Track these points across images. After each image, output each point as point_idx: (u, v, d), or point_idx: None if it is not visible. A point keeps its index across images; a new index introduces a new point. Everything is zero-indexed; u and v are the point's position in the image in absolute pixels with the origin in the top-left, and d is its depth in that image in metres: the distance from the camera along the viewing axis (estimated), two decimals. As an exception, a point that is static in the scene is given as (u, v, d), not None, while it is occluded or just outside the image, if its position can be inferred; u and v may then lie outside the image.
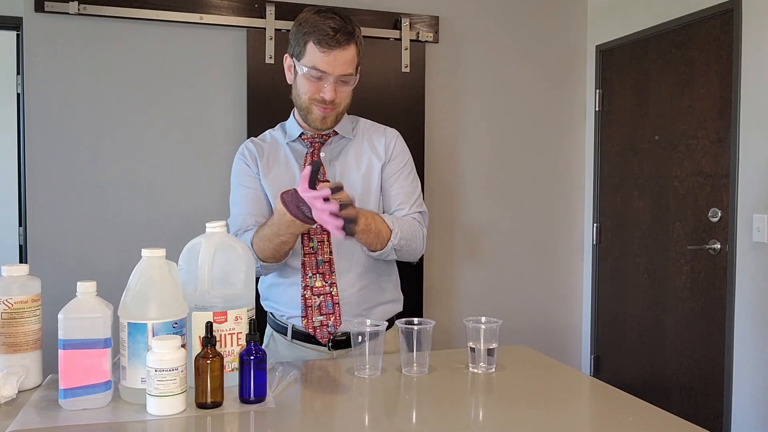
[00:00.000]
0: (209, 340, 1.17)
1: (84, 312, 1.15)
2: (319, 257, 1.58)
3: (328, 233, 1.57)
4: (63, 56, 2.78)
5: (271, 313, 1.69)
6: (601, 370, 3.47)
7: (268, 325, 1.72)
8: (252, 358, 1.18)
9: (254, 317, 1.29)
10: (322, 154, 1.63)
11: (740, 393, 2.62)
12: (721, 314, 2.70)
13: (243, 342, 1.26)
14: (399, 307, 1.71)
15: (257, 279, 1.55)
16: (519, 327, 3.41)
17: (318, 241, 1.59)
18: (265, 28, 2.97)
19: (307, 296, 1.58)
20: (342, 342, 1.58)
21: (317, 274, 1.58)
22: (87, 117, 2.82)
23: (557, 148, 3.52)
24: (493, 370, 1.41)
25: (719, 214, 2.72)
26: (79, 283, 1.17)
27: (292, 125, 1.68)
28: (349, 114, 1.69)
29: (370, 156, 1.66)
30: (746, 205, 2.60)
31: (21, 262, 3.10)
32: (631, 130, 3.25)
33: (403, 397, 1.29)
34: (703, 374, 2.80)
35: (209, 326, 1.18)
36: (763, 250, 2.54)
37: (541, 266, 3.52)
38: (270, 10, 2.97)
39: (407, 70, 3.10)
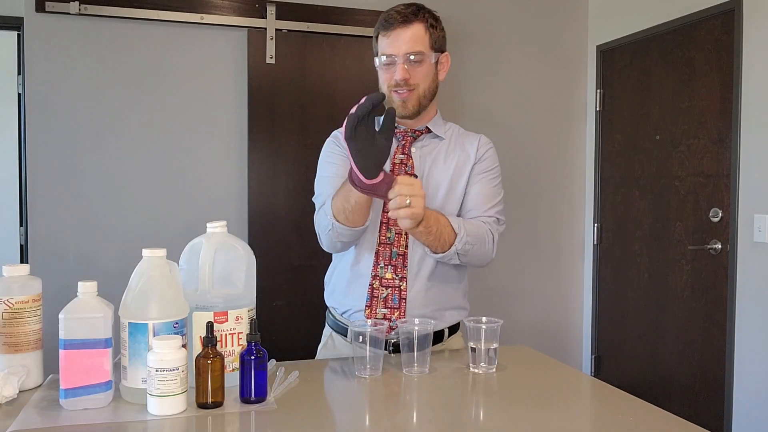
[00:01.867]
0: (210, 340, 1.17)
1: (85, 312, 1.15)
2: (394, 249, 1.54)
3: None
4: (64, 56, 2.78)
5: (331, 311, 1.65)
6: (601, 370, 3.47)
7: (327, 324, 1.69)
8: (253, 358, 1.18)
9: (255, 317, 1.29)
10: (413, 149, 1.60)
11: (741, 393, 2.62)
12: (722, 314, 2.70)
13: (244, 342, 1.26)
14: (465, 315, 1.65)
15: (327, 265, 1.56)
16: (520, 327, 3.41)
17: (396, 233, 1.55)
18: (265, 28, 2.97)
19: (374, 286, 1.55)
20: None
21: (389, 266, 1.55)
22: (88, 117, 2.82)
23: (558, 148, 3.52)
24: (494, 370, 1.41)
25: (720, 214, 2.72)
26: (80, 283, 1.17)
27: None
28: (439, 115, 1.67)
29: (461, 158, 1.63)
30: (747, 205, 2.60)
31: (22, 262, 3.10)
32: (631, 130, 3.25)
33: (403, 397, 1.29)
34: (704, 374, 2.80)
35: (210, 326, 1.18)
36: (764, 250, 2.53)
37: (542, 266, 3.52)
38: (271, 10, 2.97)
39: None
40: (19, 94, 3.34)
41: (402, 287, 1.54)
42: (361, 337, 1.36)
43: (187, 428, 1.10)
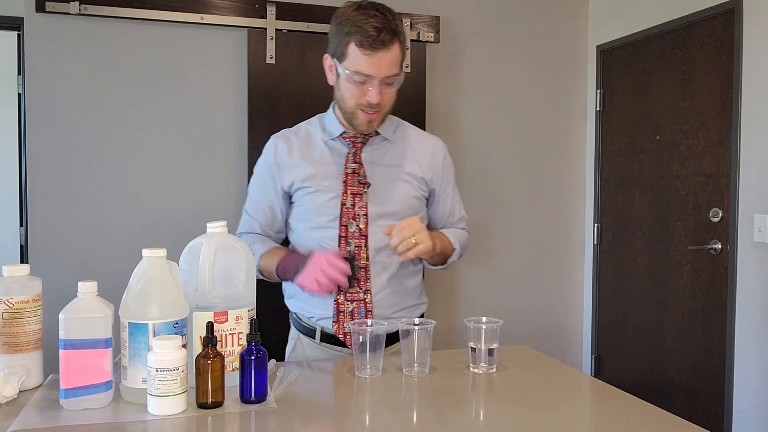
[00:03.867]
0: (210, 340, 1.17)
1: (85, 312, 1.15)
2: (356, 263, 1.53)
3: (366, 238, 1.55)
4: (64, 56, 2.78)
5: (296, 316, 1.66)
6: (601, 370, 3.47)
7: (292, 327, 1.69)
8: (253, 358, 1.18)
9: (255, 317, 1.29)
10: (363, 155, 1.58)
11: (741, 393, 2.62)
12: (722, 314, 2.70)
13: (244, 342, 1.26)
14: (424, 309, 1.71)
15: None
16: (520, 327, 3.41)
17: (355, 246, 1.55)
18: (266, 29, 2.97)
19: (339, 301, 1.55)
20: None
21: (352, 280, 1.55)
22: (88, 117, 2.82)
23: (558, 149, 3.52)
24: (494, 370, 1.41)
25: (720, 214, 2.72)
26: (80, 283, 1.17)
27: (333, 123, 1.61)
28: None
29: (413, 163, 1.62)
30: (747, 205, 2.60)
31: (22, 262, 3.10)
32: (632, 130, 3.25)
33: (403, 397, 1.29)
34: (704, 374, 2.80)
35: (210, 326, 1.18)
36: (764, 250, 2.53)
37: (542, 266, 3.52)
38: (271, 10, 2.97)
39: (408, 69, 3.10)
40: (19, 94, 3.34)
41: (367, 299, 1.55)
42: (361, 337, 1.36)
43: (187, 428, 1.10)
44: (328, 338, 1.59)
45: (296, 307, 1.66)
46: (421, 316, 1.68)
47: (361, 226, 1.54)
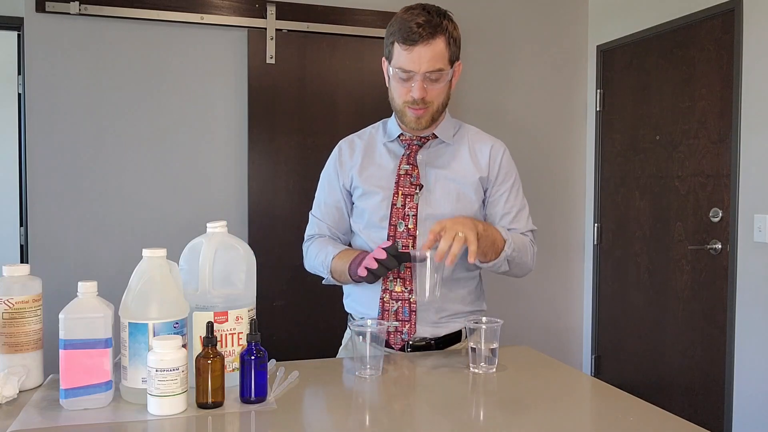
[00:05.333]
0: (210, 340, 1.17)
1: (85, 312, 1.15)
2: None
3: (414, 238, 1.54)
4: (64, 56, 2.78)
5: (351, 316, 1.67)
6: (601, 370, 3.47)
7: (348, 327, 1.68)
8: (253, 358, 1.18)
9: (255, 317, 1.29)
10: (419, 157, 1.58)
11: (741, 393, 2.62)
12: (722, 314, 2.70)
13: (244, 342, 1.26)
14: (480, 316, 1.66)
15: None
16: (520, 327, 3.41)
17: (402, 245, 1.54)
18: (266, 29, 2.97)
19: (385, 299, 1.55)
20: (420, 347, 1.55)
21: (398, 279, 1.55)
22: (88, 117, 2.82)
23: (558, 148, 3.52)
24: (494, 370, 1.41)
25: (720, 214, 2.72)
26: (80, 283, 1.17)
27: (393, 125, 1.64)
28: (452, 117, 1.66)
29: (470, 165, 1.61)
30: (747, 205, 2.60)
31: (22, 262, 3.10)
32: (632, 130, 3.25)
33: (403, 397, 1.29)
34: (704, 374, 2.80)
35: (210, 326, 1.18)
36: (764, 250, 2.53)
37: (542, 266, 3.52)
38: (271, 11, 2.97)
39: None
40: (19, 94, 3.33)
41: (411, 299, 1.54)
42: (361, 337, 1.36)
43: (187, 428, 1.10)
44: (376, 339, 1.58)
45: (350, 308, 1.67)
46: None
47: (410, 226, 1.55)
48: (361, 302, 1.62)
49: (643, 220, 3.17)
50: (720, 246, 2.72)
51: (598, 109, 3.47)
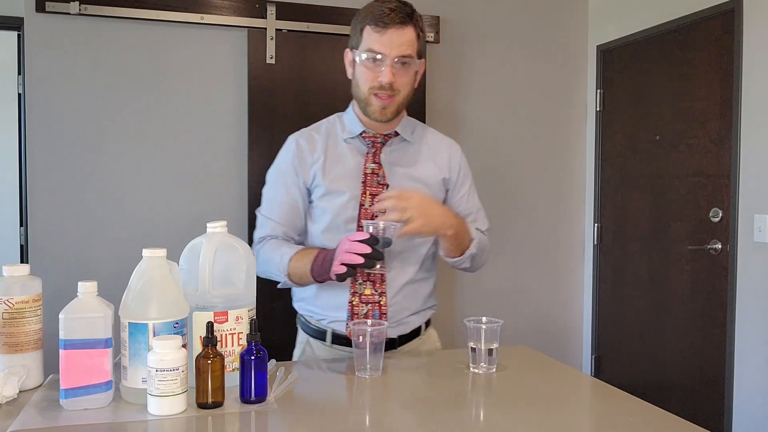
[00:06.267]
0: (210, 340, 1.17)
1: (85, 312, 1.15)
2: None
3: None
4: (64, 56, 2.78)
5: (305, 319, 1.64)
6: (601, 370, 3.47)
7: (301, 330, 1.66)
8: (253, 358, 1.18)
9: (255, 317, 1.29)
10: (382, 155, 1.57)
11: (741, 393, 2.62)
12: (722, 314, 2.70)
13: (244, 342, 1.26)
14: (434, 311, 1.70)
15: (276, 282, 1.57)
16: (520, 327, 3.41)
17: None
18: (266, 28, 2.97)
19: (354, 303, 1.53)
20: (387, 346, 1.53)
21: (368, 282, 1.54)
22: (88, 117, 2.82)
23: (558, 148, 3.52)
24: (494, 370, 1.41)
25: (720, 214, 2.72)
26: (80, 283, 1.17)
27: (353, 121, 1.60)
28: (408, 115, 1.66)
29: (432, 165, 1.62)
30: (747, 205, 2.60)
31: (22, 262, 3.10)
32: (631, 130, 3.25)
33: (403, 397, 1.29)
34: (704, 374, 2.80)
35: (210, 326, 1.18)
36: (764, 250, 2.53)
37: (542, 266, 3.52)
38: (271, 10, 2.97)
39: (408, 70, 3.10)
40: (19, 94, 3.34)
41: (382, 302, 1.54)
42: (361, 338, 1.36)
43: (187, 428, 1.10)
44: (339, 340, 1.58)
45: (305, 311, 1.64)
46: (429, 320, 1.69)
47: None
48: (325, 306, 1.58)
49: (643, 220, 3.17)
50: (720, 246, 2.72)
51: (598, 109, 3.47)
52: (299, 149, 1.59)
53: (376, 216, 1.48)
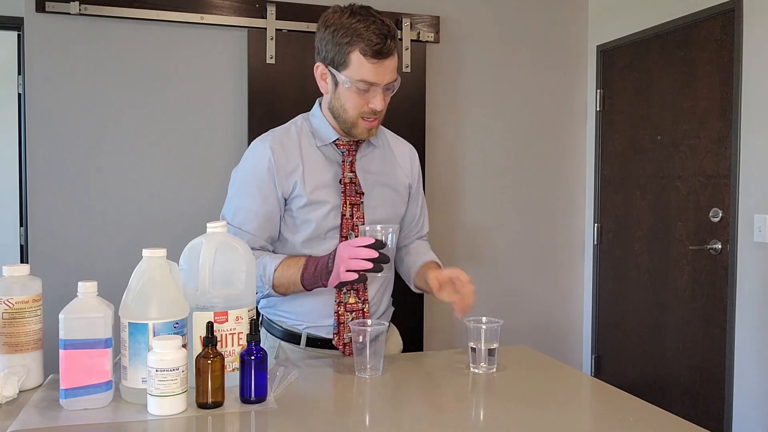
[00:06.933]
0: (210, 340, 1.17)
1: (85, 312, 1.15)
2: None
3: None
4: (64, 56, 2.78)
5: (275, 323, 1.60)
6: (602, 370, 3.47)
7: (268, 335, 1.61)
8: (253, 358, 1.18)
9: (255, 317, 1.29)
10: (356, 165, 1.56)
11: (741, 393, 2.62)
12: (722, 314, 2.70)
13: (244, 342, 1.26)
14: (392, 309, 1.73)
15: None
16: (520, 327, 3.41)
17: None
18: (266, 29, 2.97)
19: (340, 312, 1.53)
20: None
21: (351, 290, 1.53)
22: (88, 117, 2.82)
23: (558, 149, 3.52)
24: (494, 370, 1.41)
25: (720, 214, 2.72)
26: (80, 283, 1.17)
27: (324, 128, 1.56)
28: None
29: (398, 169, 1.63)
30: (747, 205, 2.60)
31: (22, 262, 3.10)
32: (632, 130, 3.25)
33: (403, 397, 1.29)
34: (704, 374, 2.80)
35: (210, 326, 1.18)
36: (764, 250, 2.53)
37: (542, 266, 3.52)
38: (271, 11, 2.97)
39: (408, 70, 3.10)
40: (19, 94, 3.34)
41: (365, 309, 1.55)
42: (361, 337, 1.36)
43: (187, 428, 1.10)
44: (313, 342, 1.56)
45: (275, 315, 1.60)
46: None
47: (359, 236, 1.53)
48: (299, 312, 1.55)
49: (644, 220, 3.17)
50: (720, 246, 2.72)
51: (598, 109, 3.47)
52: (274, 157, 1.52)
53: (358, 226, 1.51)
